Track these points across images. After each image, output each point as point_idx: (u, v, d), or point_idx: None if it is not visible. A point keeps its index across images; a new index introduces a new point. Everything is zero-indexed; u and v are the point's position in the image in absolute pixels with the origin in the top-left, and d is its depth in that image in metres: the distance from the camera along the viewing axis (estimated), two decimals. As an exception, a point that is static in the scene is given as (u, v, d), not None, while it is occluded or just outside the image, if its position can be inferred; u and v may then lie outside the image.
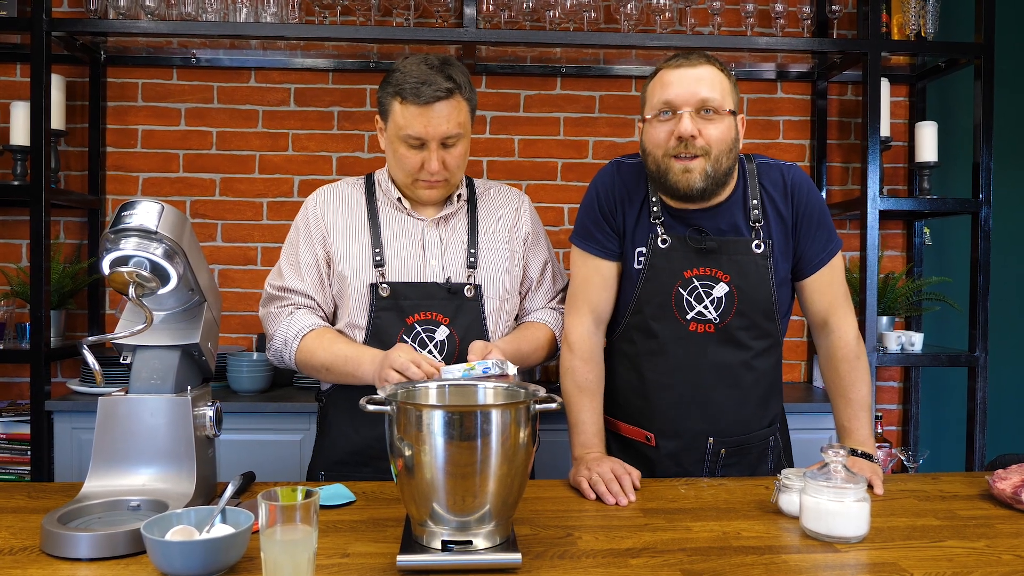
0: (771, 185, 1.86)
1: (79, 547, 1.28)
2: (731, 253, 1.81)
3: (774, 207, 1.85)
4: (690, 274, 1.81)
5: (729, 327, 1.82)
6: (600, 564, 1.30)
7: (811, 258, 1.87)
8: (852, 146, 3.62)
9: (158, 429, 1.50)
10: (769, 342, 1.88)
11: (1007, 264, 3.63)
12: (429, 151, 1.85)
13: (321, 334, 1.90)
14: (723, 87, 1.75)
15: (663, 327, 1.84)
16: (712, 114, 1.73)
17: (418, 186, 1.91)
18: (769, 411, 1.92)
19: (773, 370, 1.91)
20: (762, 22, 3.45)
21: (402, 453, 1.26)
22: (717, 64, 1.78)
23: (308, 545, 1.13)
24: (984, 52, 3.11)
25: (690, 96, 1.73)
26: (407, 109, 1.82)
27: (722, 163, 1.75)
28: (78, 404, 2.90)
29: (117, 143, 3.40)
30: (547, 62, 3.47)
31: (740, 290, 1.81)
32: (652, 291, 1.84)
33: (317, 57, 3.42)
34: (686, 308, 1.82)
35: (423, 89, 1.80)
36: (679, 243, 1.83)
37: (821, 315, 1.92)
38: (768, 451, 1.94)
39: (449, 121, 1.83)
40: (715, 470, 1.88)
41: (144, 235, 1.43)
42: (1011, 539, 1.43)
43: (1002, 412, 3.65)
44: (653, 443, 1.89)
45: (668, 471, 1.88)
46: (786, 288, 1.89)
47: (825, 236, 1.87)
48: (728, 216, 1.83)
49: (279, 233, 3.43)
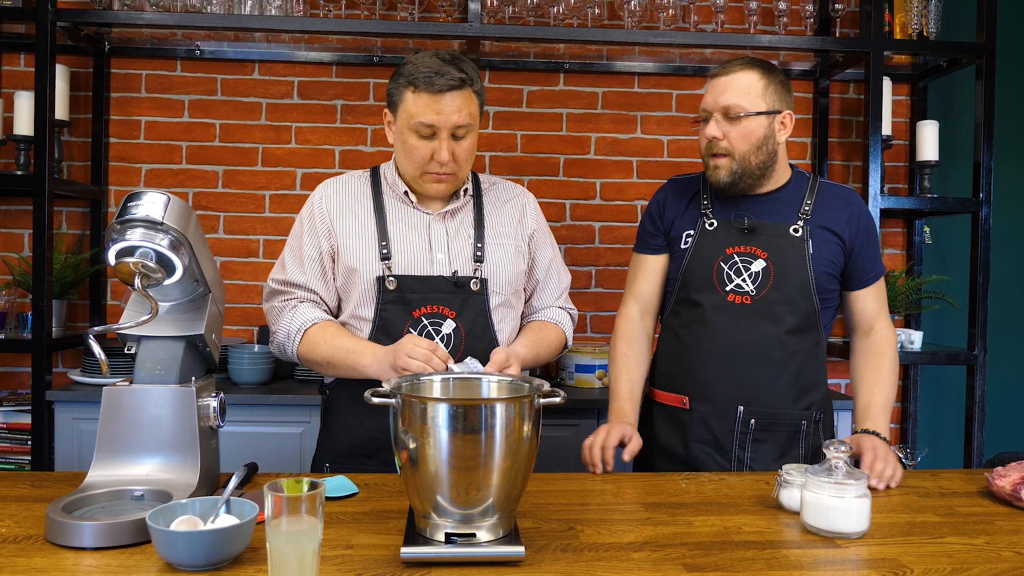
0: (832, 196, 2.05)
1: (84, 536, 1.28)
2: (770, 234, 2.00)
3: (830, 212, 2.02)
4: (731, 251, 2.00)
5: (765, 299, 1.97)
6: (602, 557, 1.30)
7: (867, 271, 2.06)
8: (853, 144, 3.63)
9: (162, 419, 1.51)
10: (805, 321, 1.98)
11: (1007, 263, 3.64)
12: (440, 140, 1.85)
13: (324, 328, 1.91)
14: (754, 91, 1.94)
15: (705, 297, 2.01)
16: (736, 118, 1.94)
17: (426, 179, 1.91)
18: (805, 395, 1.99)
19: (810, 353, 2.01)
20: (765, 20, 3.45)
21: (406, 446, 1.27)
22: (758, 68, 1.97)
23: (313, 536, 1.13)
24: (985, 52, 3.12)
25: (714, 103, 1.97)
26: (419, 98, 1.83)
27: (750, 160, 1.97)
28: (79, 394, 2.90)
29: (120, 134, 3.40)
30: (550, 58, 3.48)
31: (776, 266, 1.97)
32: (697, 265, 2.03)
33: (321, 50, 3.42)
34: (726, 280, 1.99)
35: (436, 79, 1.81)
36: (724, 225, 2.03)
37: (869, 322, 2.09)
38: (800, 436, 1.99)
39: (460, 112, 1.84)
40: (745, 442, 1.97)
41: (150, 226, 1.44)
42: (1010, 536, 1.44)
43: (1001, 410, 3.66)
44: (687, 406, 2.01)
45: (700, 436, 2.00)
46: (825, 278, 2.00)
47: (878, 257, 2.09)
48: (777, 206, 2.03)
49: (281, 226, 3.44)
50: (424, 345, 1.71)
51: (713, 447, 1.98)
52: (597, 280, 3.54)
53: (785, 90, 1.99)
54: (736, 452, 1.97)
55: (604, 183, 3.54)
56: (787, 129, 1.99)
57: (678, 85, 3.56)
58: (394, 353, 1.74)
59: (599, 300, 3.55)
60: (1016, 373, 3.71)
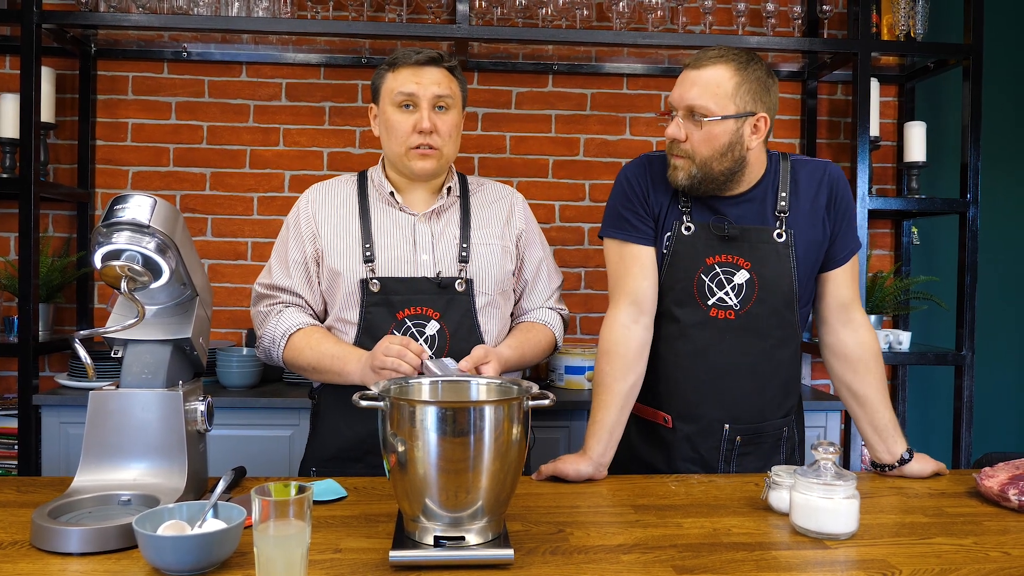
0: (807, 178, 1.89)
1: (70, 541, 1.27)
2: (752, 241, 1.84)
3: (808, 200, 1.87)
4: (712, 261, 1.84)
5: (750, 314, 1.84)
6: (592, 560, 1.30)
7: (840, 250, 1.90)
8: (841, 145, 3.64)
9: (149, 424, 1.50)
10: (788, 332, 1.89)
11: (994, 264, 3.66)
12: (421, 110, 1.88)
13: (309, 333, 1.90)
14: (723, 90, 1.74)
15: (685, 312, 1.86)
16: (700, 119, 1.75)
17: (411, 156, 1.91)
18: (786, 402, 1.94)
19: (791, 361, 1.92)
20: (753, 21, 3.46)
21: (395, 449, 1.26)
22: (733, 63, 1.76)
23: (301, 541, 1.13)
24: (972, 53, 3.13)
25: (679, 101, 1.78)
26: (399, 73, 1.90)
27: (712, 166, 1.78)
28: (66, 398, 2.88)
29: (107, 136, 3.38)
30: (539, 59, 3.47)
31: (761, 277, 1.84)
32: (675, 277, 1.86)
33: (309, 52, 3.41)
34: (707, 294, 1.85)
35: (414, 55, 1.90)
36: (702, 230, 1.85)
37: (845, 306, 1.92)
38: (782, 442, 1.95)
39: (440, 84, 1.89)
40: (731, 459, 1.89)
41: (137, 229, 1.43)
42: (998, 536, 1.44)
43: (988, 411, 3.67)
44: (670, 425, 1.90)
45: (685, 455, 1.90)
46: (809, 282, 1.90)
47: (853, 232, 1.92)
48: (754, 206, 1.86)
49: (269, 228, 3.42)
50: (397, 342, 1.71)
51: (699, 464, 1.89)
52: (587, 282, 3.54)
53: (762, 88, 1.77)
54: (721, 467, 1.89)
55: (593, 184, 3.54)
56: (760, 133, 1.78)
57: (667, 86, 3.56)
58: (371, 356, 1.75)
59: (589, 302, 3.55)
60: (1003, 373, 3.73)
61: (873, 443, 1.90)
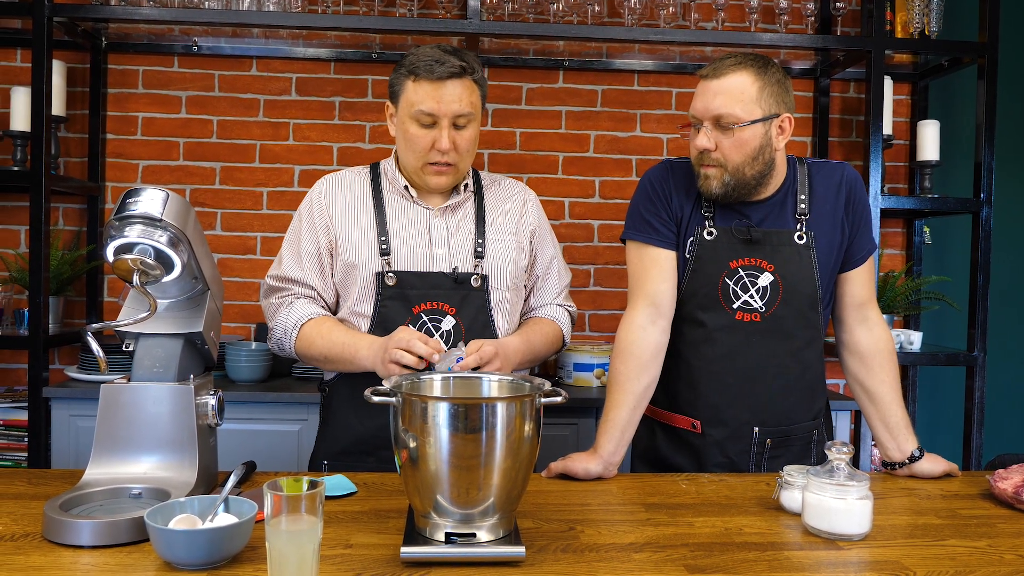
0: (825, 180, 1.91)
1: (81, 534, 1.28)
2: (775, 244, 1.86)
3: (826, 202, 1.89)
4: (736, 264, 1.85)
5: (775, 316, 1.85)
6: (603, 558, 1.30)
7: (857, 251, 1.92)
8: (854, 144, 3.62)
9: (160, 417, 1.49)
10: (813, 333, 1.89)
11: (1007, 264, 3.64)
12: (440, 129, 1.85)
13: (320, 323, 1.90)
14: (748, 95, 1.77)
15: (710, 316, 1.87)
16: (730, 127, 1.77)
17: (427, 171, 1.90)
18: (814, 404, 1.94)
19: (816, 362, 1.93)
20: (766, 18, 3.44)
21: (406, 444, 1.26)
22: (752, 68, 1.78)
23: (313, 536, 1.12)
24: (987, 51, 3.11)
25: (705, 112, 1.79)
26: (420, 86, 1.84)
27: (745, 171, 1.80)
28: (76, 391, 2.89)
29: (117, 130, 3.39)
30: (550, 55, 3.47)
31: (785, 279, 1.85)
32: (700, 282, 1.87)
33: (319, 47, 3.41)
34: (732, 298, 1.86)
35: (436, 67, 1.82)
36: (725, 235, 1.87)
37: (861, 306, 1.94)
38: (811, 444, 1.95)
39: (461, 100, 1.84)
40: (761, 462, 1.89)
41: (149, 222, 1.42)
42: (1013, 539, 1.43)
43: (1000, 412, 3.65)
44: (699, 431, 1.90)
45: (715, 459, 1.89)
46: (829, 283, 1.91)
47: (870, 233, 1.95)
48: (775, 209, 1.88)
49: (279, 222, 3.42)
50: (415, 336, 1.71)
51: (729, 469, 1.88)
52: (596, 279, 3.53)
53: (783, 90, 1.81)
54: (752, 471, 1.89)
55: (603, 181, 3.53)
56: (786, 134, 1.82)
57: (678, 83, 3.55)
58: (385, 345, 1.74)
59: (598, 299, 3.54)
60: (1015, 374, 3.71)
61: (884, 440, 1.90)
